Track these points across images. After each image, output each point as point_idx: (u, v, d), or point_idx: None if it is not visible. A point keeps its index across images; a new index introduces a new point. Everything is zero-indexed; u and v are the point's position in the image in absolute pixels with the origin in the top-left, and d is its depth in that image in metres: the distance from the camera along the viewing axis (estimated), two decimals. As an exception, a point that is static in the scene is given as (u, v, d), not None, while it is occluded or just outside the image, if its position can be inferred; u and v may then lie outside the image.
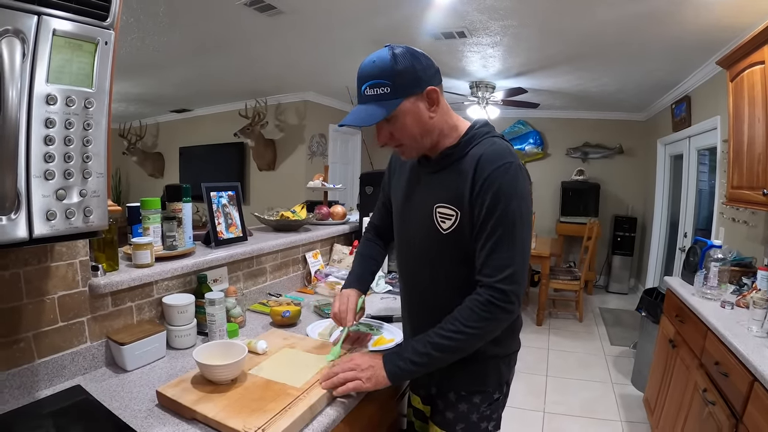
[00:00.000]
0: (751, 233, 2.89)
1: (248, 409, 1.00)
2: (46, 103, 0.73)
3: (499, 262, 1.05)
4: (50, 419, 1.02)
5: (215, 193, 1.83)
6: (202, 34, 3.50)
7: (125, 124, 7.06)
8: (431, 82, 1.10)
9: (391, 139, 1.15)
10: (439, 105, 1.13)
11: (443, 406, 1.25)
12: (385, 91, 1.06)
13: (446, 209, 1.13)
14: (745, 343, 1.65)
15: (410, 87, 1.07)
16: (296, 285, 2.22)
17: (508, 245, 1.05)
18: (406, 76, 1.06)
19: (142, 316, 1.41)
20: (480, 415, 1.22)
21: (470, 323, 1.05)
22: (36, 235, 0.76)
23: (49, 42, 0.72)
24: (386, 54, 1.06)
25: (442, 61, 4.04)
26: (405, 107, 1.08)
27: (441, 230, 1.15)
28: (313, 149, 6.00)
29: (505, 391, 1.29)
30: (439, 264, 1.19)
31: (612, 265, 6.12)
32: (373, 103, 1.08)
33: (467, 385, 1.22)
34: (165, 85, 5.37)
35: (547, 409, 3.05)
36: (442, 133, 1.16)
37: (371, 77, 1.07)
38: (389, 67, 1.05)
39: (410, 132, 1.12)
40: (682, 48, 3.32)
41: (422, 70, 1.08)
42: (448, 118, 1.17)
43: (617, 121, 6.14)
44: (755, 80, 2.27)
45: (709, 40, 3.12)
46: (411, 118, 1.10)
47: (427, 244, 1.20)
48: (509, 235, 1.05)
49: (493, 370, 1.22)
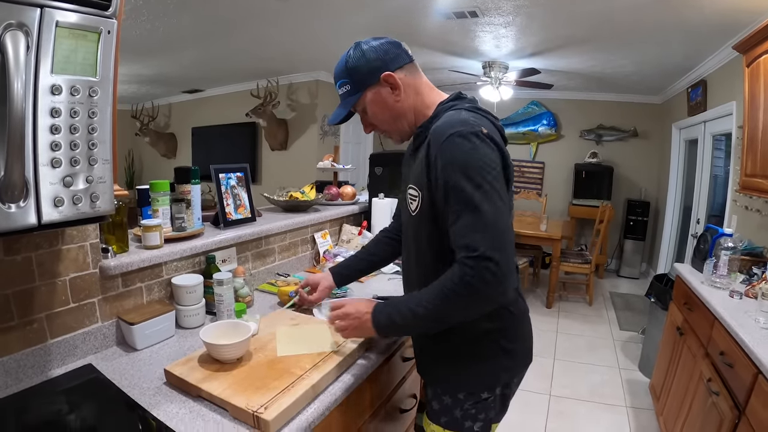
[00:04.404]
0: (764, 222, 2.85)
1: (252, 387, 1.04)
2: (51, 94, 0.75)
3: (465, 240, 0.97)
4: (63, 396, 1.07)
5: (224, 174, 1.86)
6: (211, 16, 3.48)
7: (137, 105, 7.09)
8: (387, 67, 1.14)
9: (373, 127, 1.25)
10: (401, 88, 1.15)
11: (431, 395, 1.26)
12: (348, 89, 1.18)
13: (412, 190, 1.15)
14: (751, 334, 1.64)
15: (366, 79, 1.15)
16: (305, 265, 2.25)
17: (474, 217, 0.97)
18: (360, 70, 1.15)
19: (152, 297, 1.45)
20: (464, 412, 1.19)
21: (444, 296, 1.00)
22: (45, 221, 0.79)
23: (53, 34, 0.73)
24: (344, 54, 1.18)
25: (453, 41, 4.01)
26: (367, 98, 1.17)
27: (410, 211, 1.18)
28: (325, 129, 5.99)
29: (500, 393, 1.23)
30: (414, 244, 1.22)
31: (624, 249, 6.08)
32: (343, 100, 1.21)
33: (452, 378, 1.20)
34: (176, 67, 5.37)
35: (553, 392, 3.07)
36: (418, 113, 1.19)
37: (336, 78, 1.20)
38: (344, 66, 1.17)
39: (381, 118, 1.20)
40: (699, 31, 3.24)
41: (374, 60, 1.14)
42: (423, 98, 1.20)
43: (632, 104, 6.02)
44: None
45: (726, 24, 3.03)
46: (377, 106, 1.18)
47: (407, 225, 1.26)
48: (472, 207, 0.97)
49: (483, 370, 1.18)
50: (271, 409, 0.95)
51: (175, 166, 1.73)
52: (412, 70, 1.18)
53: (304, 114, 5.98)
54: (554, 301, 4.84)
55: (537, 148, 6.61)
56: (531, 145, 6.60)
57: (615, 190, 6.10)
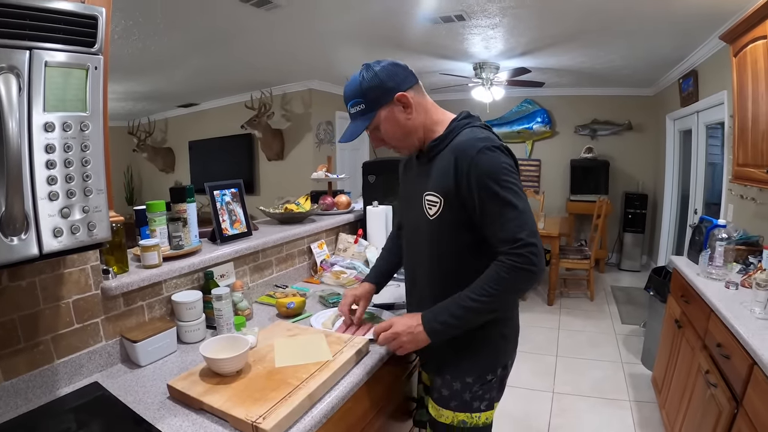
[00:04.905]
0: (760, 211, 2.85)
1: (251, 398, 1.07)
2: (45, 131, 0.80)
3: (509, 234, 1.14)
4: (71, 414, 1.10)
5: (218, 191, 1.89)
6: (201, 33, 3.54)
7: (134, 121, 7.15)
8: (400, 88, 1.25)
9: (383, 143, 1.33)
10: (413, 107, 1.27)
11: (440, 384, 1.35)
12: (362, 108, 1.26)
13: (432, 197, 1.26)
14: (746, 325, 1.64)
15: (380, 99, 1.24)
16: (303, 275, 2.28)
17: (512, 214, 1.14)
18: (374, 91, 1.24)
19: (153, 314, 1.49)
20: (473, 394, 1.31)
21: (498, 286, 1.15)
22: (46, 251, 0.84)
23: (43, 73, 0.78)
24: (357, 75, 1.26)
25: (442, 45, 4.05)
26: (381, 116, 1.26)
27: (428, 216, 1.27)
28: (321, 137, 6.04)
29: (500, 374, 1.37)
30: (427, 247, 1.32)
31: (624, 242, 6.11)
32: (356, 119, 1.29)
33: (461, 365, 1.31)
34: (170, 83, 5.44)
35: (556, 389, 3.08)
36: (427, 129, 1.31)
37: (349, 98, 1.28)
38: (358, 86, 1.25)
39: (393, 135, 1.29)
40: (687, 22, 3.27)
41: (388, 81, 1.24)
42: (431, 115, 1.32)
43: (625, 97, 6.06)
44: (758, 55, 2.21)
45: (713, 13, 3.06)
46: (390, 124, 1.27)
47: (419, 229, 1.33)
48: (509, 206, 1.14)
49: (486, 354, 1.32)
50: (269, 419, 0.99)
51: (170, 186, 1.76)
52: (419, 90, 1.30)
53: (299, 123, 6.03)
54: (555, 298, 4.86)
55: (532, 145, 6.64)
56: (526, 144, 6.64)
57: (612, 184, 6.14)
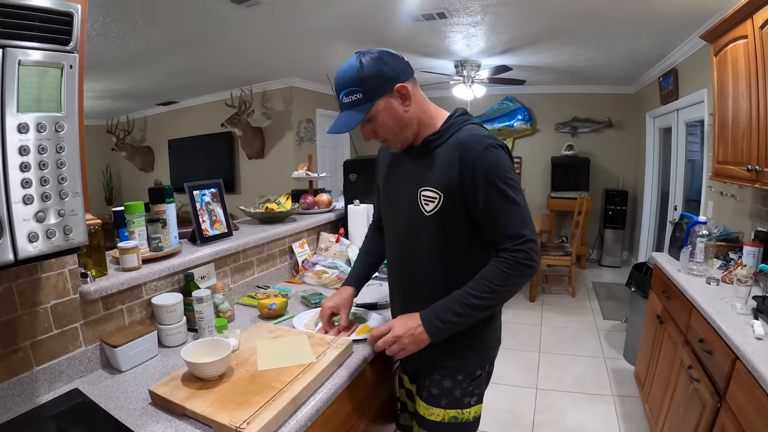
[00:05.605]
0: (739, 207, 2.90)
1: (234, 403, 1.06)
2: (19, 132, 0.77)
3: (512, 231, 1.16)
4: (52, 422, 1.08)
5: (198, 191, 1.86)
6: (181, 30, 3.48)
7: (113, 119, 7.02)
8: (399, 79, 1.19)
9: (375, 135, 1.27)
10: (411, 99, 1.22)
11: (429, 383, 1.34)
12: (358, 97, 1.17)
13: (430, 192, 1.23)
14: (728, 320, 1.66)
15: (380, 89, 1.18)
16: (284, 275, 2.26)
17: (514, 212, 1.16)
18: (374, 79, 1.16)
19: (133, 318, 1.46)
20: (463, 391, 1.32)
21: (502, 283, 1.16)
22: (21, 257, 0.81)
23: (16, 73, 0.75)
24: (354, 62, 1.17)
25: (424, 42, 4.04)
26: (379, 107, 1.19)
27: (424, 212, 1.24)
28: (301, 135, 6.01)
29: (488, 369, 1.39)
30: (423, 243, 1.28)
31: (604, 238, 6.20)
32: (350, 109, 1.20)
33: (451, 364, 1.32)
34: (149, 80, 5.34)
35: (540, 385, 3.11)
36: (422, 123, 1.27)
37: (344, 86, 1.19)
38: (356, 74, 1.16)
39: (389, 127, 1.23)
40: (668, 21, 3.31)
41: (388, 70, 1.17)
42: (425, 109, 1.28)
43: (605, 95, 6.14)
44: (738, 55, 2.23)
45: (694, 13, 3.10)
46: (387, 116, 1.21)
47: (412, 225, 1.29)
48: (511, 204, 1.15)
49: (474, 351, 1.33)
50: (253, 424, 0.97)
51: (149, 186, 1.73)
52: (414, 83, 1.25)
53: (279, 121, 5.98)
54: (537, 294, 4.92)
55: (513, 143, 6.69)
56: (507, 141, 6.68)
57: (592, 181, 6.21)
